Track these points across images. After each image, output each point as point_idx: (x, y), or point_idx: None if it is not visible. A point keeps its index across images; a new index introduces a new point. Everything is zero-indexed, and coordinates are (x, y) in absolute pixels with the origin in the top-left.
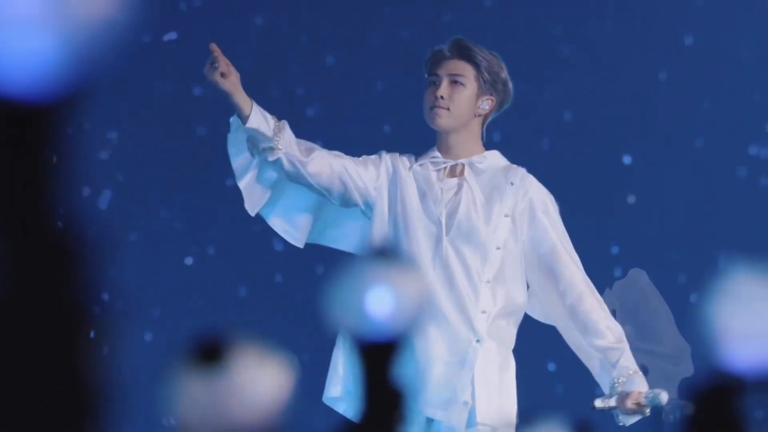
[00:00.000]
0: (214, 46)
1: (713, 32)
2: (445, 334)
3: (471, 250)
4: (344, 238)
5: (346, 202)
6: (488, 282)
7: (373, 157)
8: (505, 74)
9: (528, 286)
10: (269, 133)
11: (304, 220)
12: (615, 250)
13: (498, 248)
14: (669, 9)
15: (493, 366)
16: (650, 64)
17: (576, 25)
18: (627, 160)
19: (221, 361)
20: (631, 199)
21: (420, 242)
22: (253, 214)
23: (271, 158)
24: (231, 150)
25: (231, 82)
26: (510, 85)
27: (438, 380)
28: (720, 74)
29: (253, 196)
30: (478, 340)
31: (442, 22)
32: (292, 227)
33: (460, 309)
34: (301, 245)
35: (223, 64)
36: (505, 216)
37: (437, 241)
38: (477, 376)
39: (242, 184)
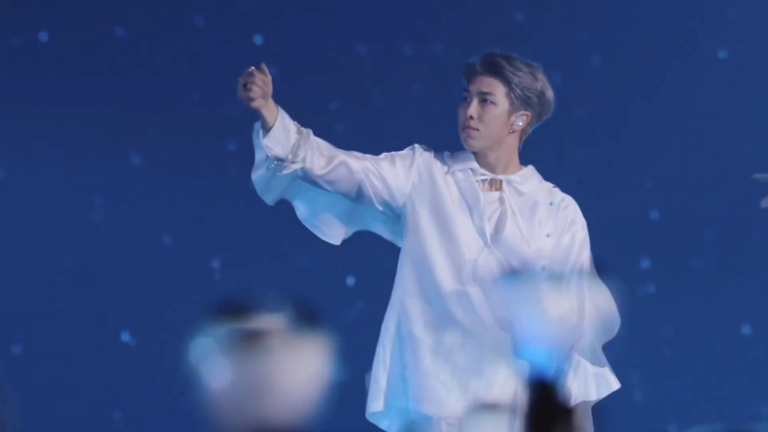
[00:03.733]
0: (264, 69)
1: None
2: (496, 349)
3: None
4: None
5: (362, 202)
6: None
7: (404, 152)
8: (540, 85)
9: None
10: (285, 154)
11: (336, 220)
12: (646, 263)
13: (543, 268)
14: (702, 22)
15: None
16: (684, 73)
17: (606, 36)
18: (651, 180)
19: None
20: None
21: (464, 253)
22: (271, 203)
23: (284, 172)
24: (255, 142)
25: (259, 102)
26: (548, 94)
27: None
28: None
29: (270, 191)
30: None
31: (474, 34)
32: (326, 227)
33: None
34: (337, 243)
35: (258, 86)
36: (547, 236)
37: (481, 253)
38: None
39: (259, 185)
